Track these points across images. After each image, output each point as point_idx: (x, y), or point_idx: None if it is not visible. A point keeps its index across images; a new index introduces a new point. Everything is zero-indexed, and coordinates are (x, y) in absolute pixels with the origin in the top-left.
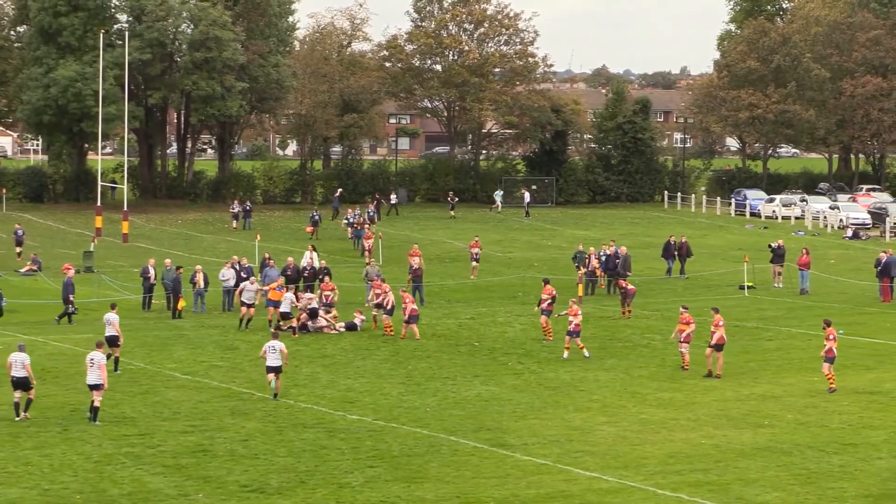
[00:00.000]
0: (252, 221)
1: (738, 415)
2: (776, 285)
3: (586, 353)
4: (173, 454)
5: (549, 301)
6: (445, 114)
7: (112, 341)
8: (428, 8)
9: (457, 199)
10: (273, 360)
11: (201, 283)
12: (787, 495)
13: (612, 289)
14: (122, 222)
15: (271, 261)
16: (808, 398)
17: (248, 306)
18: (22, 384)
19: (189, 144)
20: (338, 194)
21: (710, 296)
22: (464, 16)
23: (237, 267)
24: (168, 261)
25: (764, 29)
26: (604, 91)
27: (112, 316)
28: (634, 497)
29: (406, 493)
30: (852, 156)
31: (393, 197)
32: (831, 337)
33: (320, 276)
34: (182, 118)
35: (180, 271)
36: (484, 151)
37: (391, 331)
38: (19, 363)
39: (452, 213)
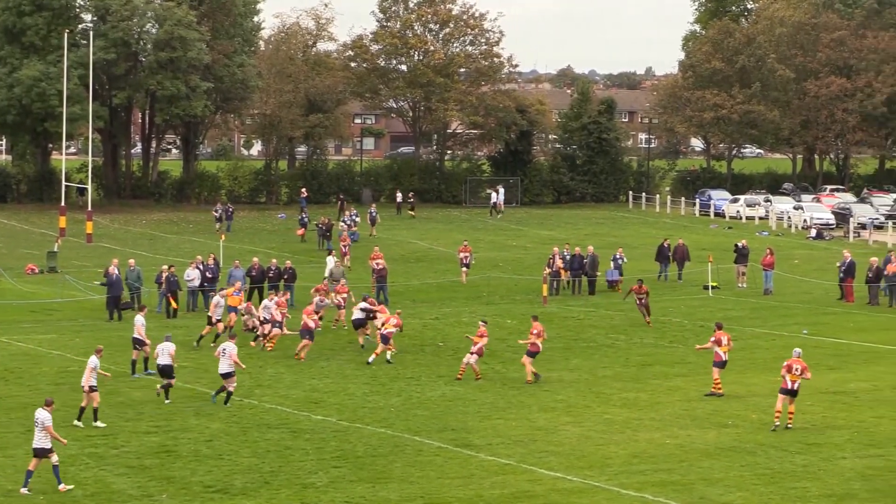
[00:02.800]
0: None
1: (702, 415)
2: (740, 285)
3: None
4: (137, 455)
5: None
6: (410, 114)
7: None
8: (393, 8)
9: (412, 198)
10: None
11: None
12: (751, 495)
13: (577, 289)
14: (86, 222)
15: (237, 262)
16: (772, 398)
17: (218, 322)
18: None
19: (154, 144)
20: (303, 195)
21: (675, 296)
22: (429, 16)
23: (201, 267)
24: (132, 261)
25: (728, 30)
26: (569, 91)
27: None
28: (598, 497)
29: (370, 494)
30: (816, 156)
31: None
32: (723, 341)
33: (284, 277)
34: (147, 118)
35: (172, 269)
36: (449, 152)
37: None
38: None
39: (412, 212)
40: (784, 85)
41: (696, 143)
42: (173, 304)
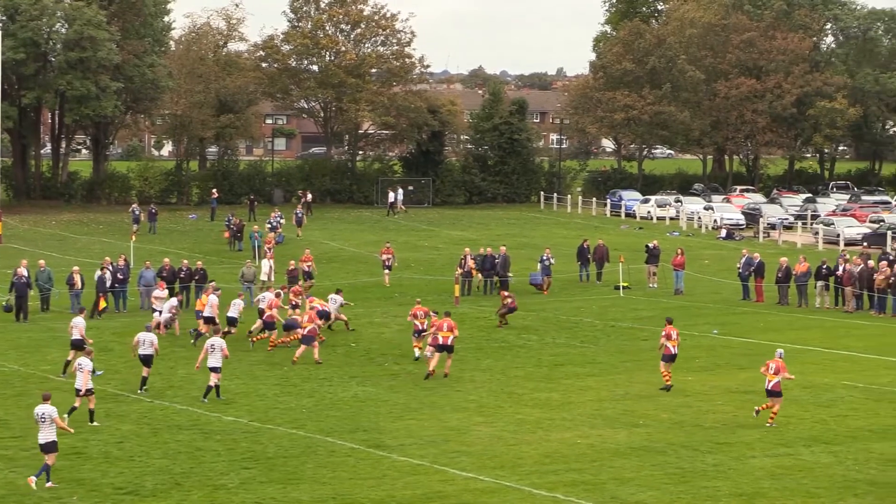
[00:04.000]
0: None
1: (613, 414)
2: (651, 285)
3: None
4: None
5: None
6: (322, 114)
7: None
8: (304, 8)
9: (309, 197)
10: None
11: (79, 285)
12: (662, 494)
13: (490, 289)
14: None
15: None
16: (683, 398)
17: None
18: None
19: (63, 145)
20: (214, 195)
21: (586, 296)
22: (340, 16)
23: (111, 268)
24: (42, 262)
25: (639, 30)
26: (480, 92)
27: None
28: (510, 497)
29: (282, 495)
30: (726, 157)
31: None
32: (673, 336)
33: (195, 278)
34: (56, 118)
35: (105, 272)
36: (361, 152)
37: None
38: None
39: (309, 212)
40: (694, 86)
41: (608, 144)
42: (102, 304)
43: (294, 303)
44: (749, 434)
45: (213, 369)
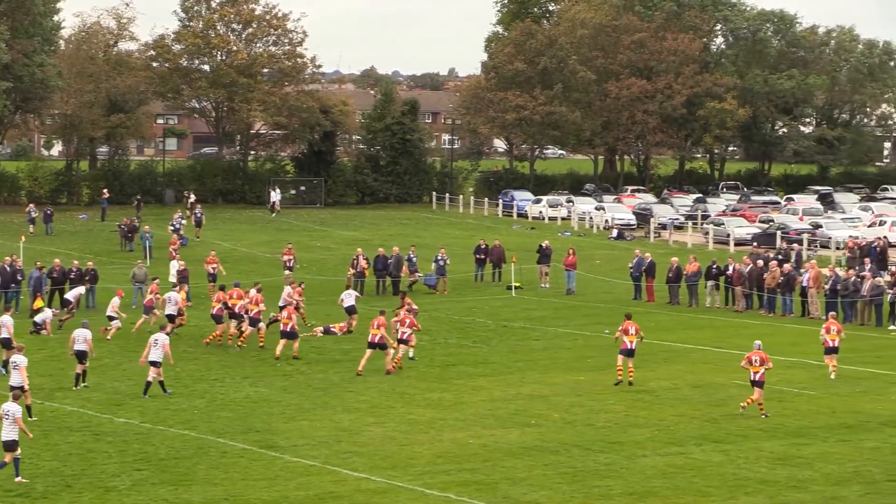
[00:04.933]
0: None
1: (505, 414)
2: (543, 285)
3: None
4: None
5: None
6: (213, 114)
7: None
8: (196, 8)
9: (193, 198)
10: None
11: None
12: (554, 493)
13: (382, 289)
14: None
15: (38, 262)
16: (575, 397)
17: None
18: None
19: None
20: (105, 195)
21: (479, 296)
22: (232, 16)
23: (7, 269)
24: None
25: (530, 31)
26: (372, 92)
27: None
28: (402, 497)
29: (174, 496)
30: (617, 157)
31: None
32: (631, 331)
33: (86, 279)
34: None
35: (43, 271)
36: (252, 152)
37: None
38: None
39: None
40: (585, 86)
41: (499, 144)
42: (38, 304)
43: (295, 303)
44: (640, 433)
45: (154, 363)
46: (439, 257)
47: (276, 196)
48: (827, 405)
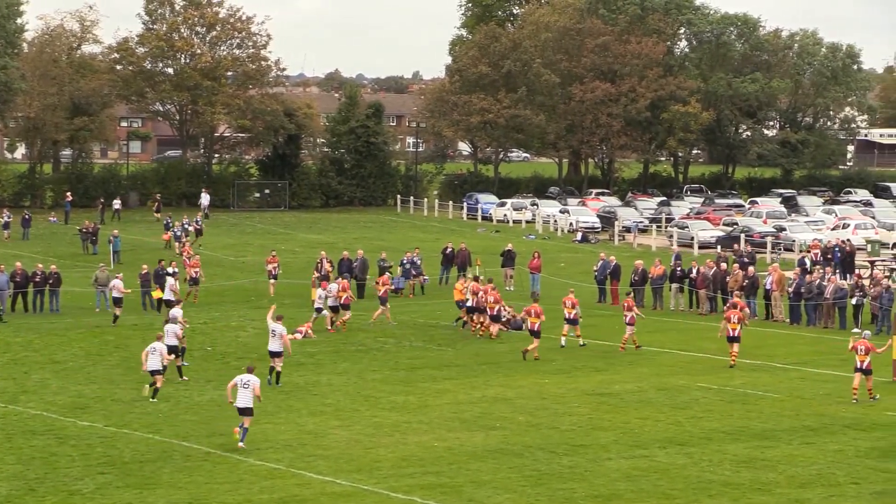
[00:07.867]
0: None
1: (470, 417)
2: (507, 288)
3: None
4: None
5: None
6: (177, 117)
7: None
8: (159, 10)
9: (159, 200)
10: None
11: None
12: (519, 496)
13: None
14: None
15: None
16: (540, 400)
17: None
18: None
19: None
20: (68, 199)
21: (442, 300)
22: (196, 19)
23: None
24: None
25: (495, 34)
26: (337, 95)
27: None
28: (367, 500)
29: (138, 500)
30: (582, 160)
31: (117, 202)
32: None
33: (49, 282)
34: None
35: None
36: (217, 155)
37: None
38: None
39: (157, 215)
40: (550, 90)
41: (464, 147)
42: None
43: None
44: (605, 436)
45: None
46: (405, 260)
47: (205, 200)
48: (791, 408)
